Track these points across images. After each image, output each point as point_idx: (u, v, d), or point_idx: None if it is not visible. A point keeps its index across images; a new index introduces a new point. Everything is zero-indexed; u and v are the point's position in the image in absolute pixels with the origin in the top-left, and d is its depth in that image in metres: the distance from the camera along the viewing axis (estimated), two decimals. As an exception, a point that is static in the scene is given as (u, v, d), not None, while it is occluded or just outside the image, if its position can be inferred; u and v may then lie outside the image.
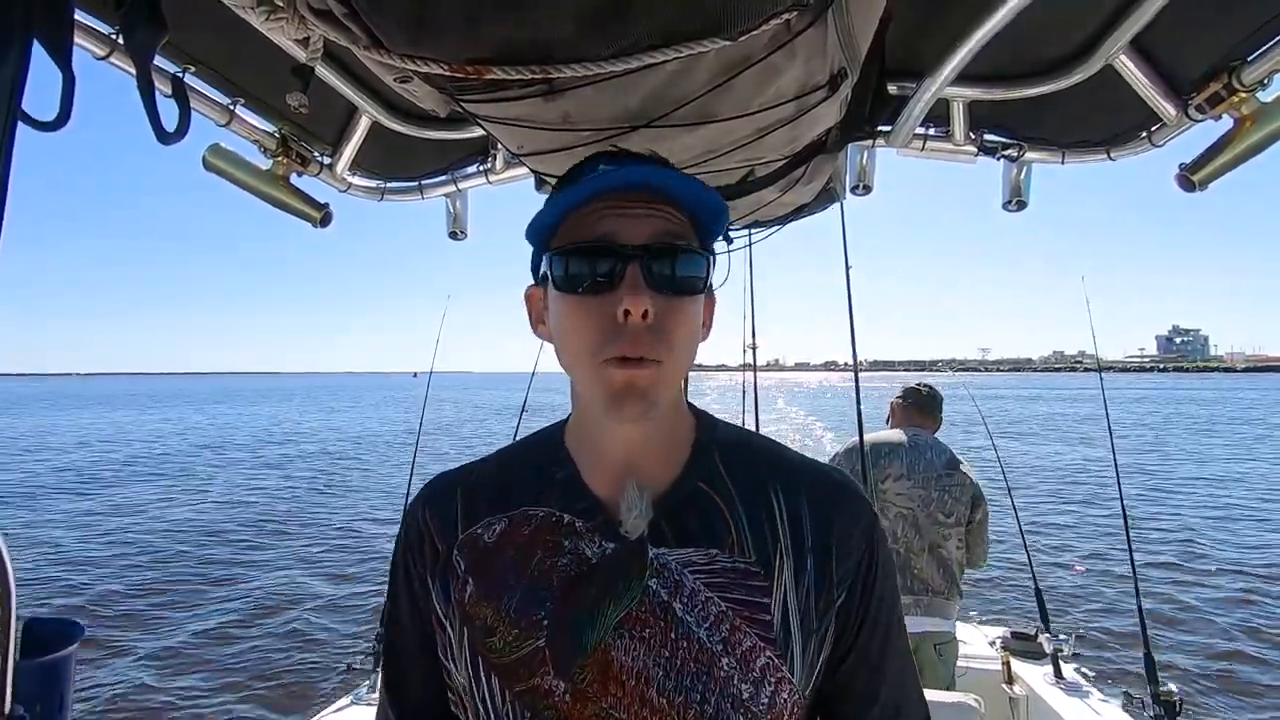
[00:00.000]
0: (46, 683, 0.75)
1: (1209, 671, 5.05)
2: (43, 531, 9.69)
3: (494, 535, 0.68)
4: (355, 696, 2.53)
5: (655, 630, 0.61)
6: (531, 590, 0.64)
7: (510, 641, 0.63)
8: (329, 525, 10.23)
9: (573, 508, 0.67)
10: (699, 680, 0.60)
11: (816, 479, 0.70)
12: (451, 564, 0.68)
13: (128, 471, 16.04)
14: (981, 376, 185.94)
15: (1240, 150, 1.15)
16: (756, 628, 0.62)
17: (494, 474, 0.74)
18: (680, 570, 0.63)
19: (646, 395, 0.60)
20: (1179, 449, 18.76)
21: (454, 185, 1.73)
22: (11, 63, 0.46)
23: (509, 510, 0.69)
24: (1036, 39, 1.19)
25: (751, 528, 0.65)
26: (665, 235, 0.62)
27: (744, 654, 0.61)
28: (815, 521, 0.66)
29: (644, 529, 0.64)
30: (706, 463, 0.69)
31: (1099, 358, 3.76)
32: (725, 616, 0.62)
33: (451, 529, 0.70)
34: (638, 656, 0.61)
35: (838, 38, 0.82)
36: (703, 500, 0.67)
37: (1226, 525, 9.66)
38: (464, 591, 0.67)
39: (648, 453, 0.67)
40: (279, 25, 0.72)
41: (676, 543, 0.64)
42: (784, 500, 0.67)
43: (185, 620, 6.25)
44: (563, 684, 0.61)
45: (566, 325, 0.63)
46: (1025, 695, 2.67)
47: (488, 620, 0.64)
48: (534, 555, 0.65)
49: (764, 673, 0.61)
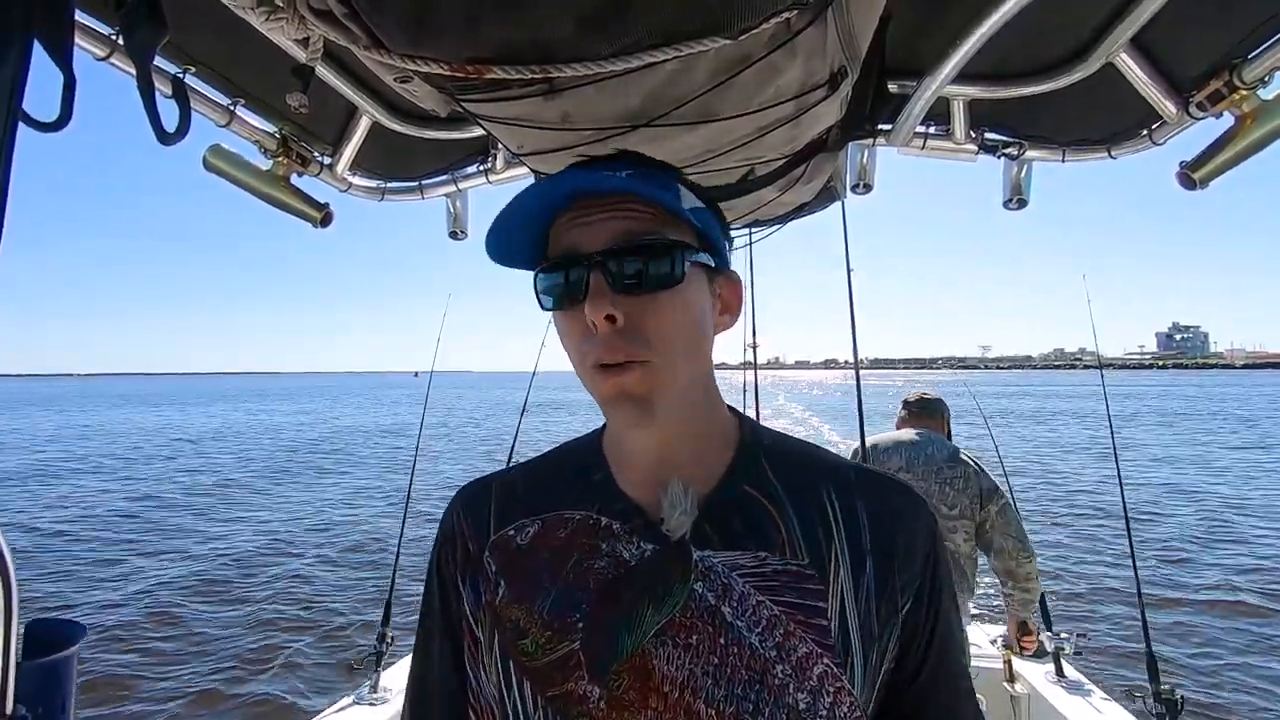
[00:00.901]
0: (48, 683, 0.75)
1: (1211, 670, 5.05)
2: (43, 531, 9.70)
3: (527, 537, 0.67)
4: (357, 696, 2.53)
5: (703, 636, 0.59)
6: (566, 592, 0.62)
7: (543, 644, 0.61)
8: (329, 523, 10.24)
9: (610, 509, 0.66)
10: (751, 689, 0.57)
11: (873, 482, 0.67)
12: (483, 565, 0.67)
13: (128, 470, 16.05)
14: (982, 374, 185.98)
15: (1241, 148, 1.15)
16: (812, 633, 0.59)
17: (529, 477, 0.73)
18: (728, 573, 0.60)
19: (640, 398, 0.59)
20: (1179, 446, 18.75)
21: (454, 185, 1.73)
22: (12, 63, 0.46)
23: (544, 513, 0.68)
24: (1037, 37, 1.19)
25: (804, 529, 0.62)
26: (626, 236, 0.60)
27: (799, 660, 0.58)
28: (874, 525, 0.63)
29: (688, 529, 0.62)
30: (752, 465, 0.67)
31: (1099, 355, 3.75)
32: (778, 621, 0.59)
33: (484, 531, 0.69)
34: (682, 665, 0.58)
35: (838, 36, 0.82)
36: (749, 503, 0.64)
37: (1228, 523, 9.65)
38: (495, 593, 0.65)
39: (680, 454, 0.65)
40: (279, 25, 0.72)
41: (722, 545, 0.62)
42: (838, 502, 0.64)
43: (187, 619, 6.26)
44: (598, 689, 0.59)
45: (563, 339, 0.64)
46: (1027, 694, 2.67)
47: (520, 622, 0.63)
48: (570, 557, 0.64)
49: (822, 681, 0.58)
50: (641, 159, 0.68)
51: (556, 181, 0.61)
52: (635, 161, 0.67)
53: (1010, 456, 7.63)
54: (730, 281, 0.69)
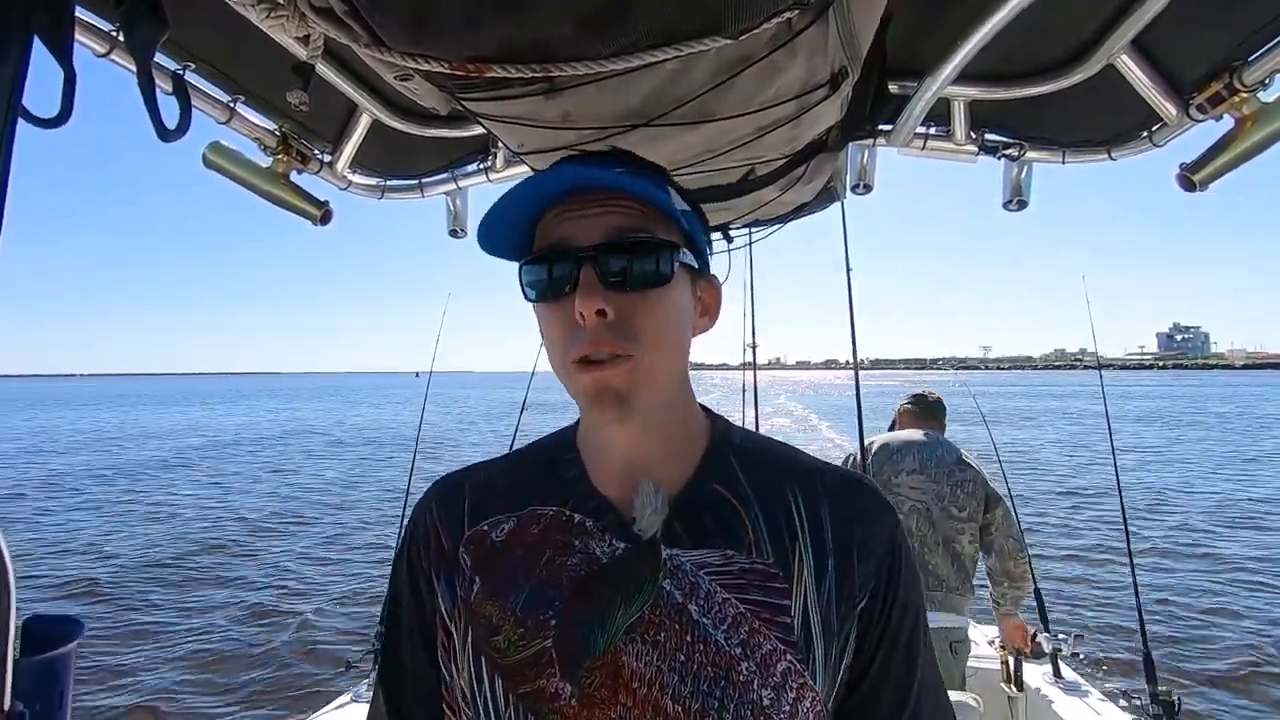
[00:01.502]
0: (46, 680, 0.75)
1: (1208, 671, 5.05)
2: (41, 529, 9.70)
3: (502, 534, 0.67)
4: (355, 694, 2.53)
5: (670, 634, 0.60)
6: (540, 589, 0.63)
7: (515, 640, 0.62)
8: (330, 524, 10.23)
9: (583, 507, 0.66)
10: (716, 685, 0.58)
11: (836, 480, 0.68)
12: (458, 561, 0.67)
13: (128, 469, 16.04)
14: (982, 374, 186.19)
15: (1241, 150, 1.15)
16: (776, 630, 0.60)
17: (503, 473, 0.73)
18: (695, 571, 0.62)
19: (621, 393, 0.59)
20: (1177, 446, 18.76)
21: (454, 183, 1.72)
22: (12, 60, 0.46)
23: (518, 509, 0.68)
24: (1037, 38, 1.19)
25: (769, 528, 0.63)
26: (618, 232, 0.61)
27: (764, 657, 0.59)
28: (836, 523, 0.64)
29: (658, 528, 0.63)
30: (721, 464, 0.67)
31: (1099, 355, 3.76)
32: (744, 618, 0.60)
33: (459, 527, 0.69)
34: (650, 661, 0.59)
35: (839, 36, 0.82)
36: (718, 501, 0.65)
37: (1226, 524, 9.66)
38: (470, 590, 0.65)
39: (653, 452, 0.66)
40: (279, 23, 0.72)
41: (691, 544, 0.63)
42: (803, 501, 0.65)
43: (184, 617, 6.26)
44: (569, 687, 0.59)
45: (544, 332, 0.65)
46: (1024, 695, 2.67)
47: (493, 619, 0.63)
48: (543, 554, 0.64)
49: (785, 678, 0.59)
50: (633, 158, 0.69)
51: (553, 174, 0.61)
52: (627, 160, 0.68)
53: (1008, 457, 7.64)
54: (711, 285, 0.71)
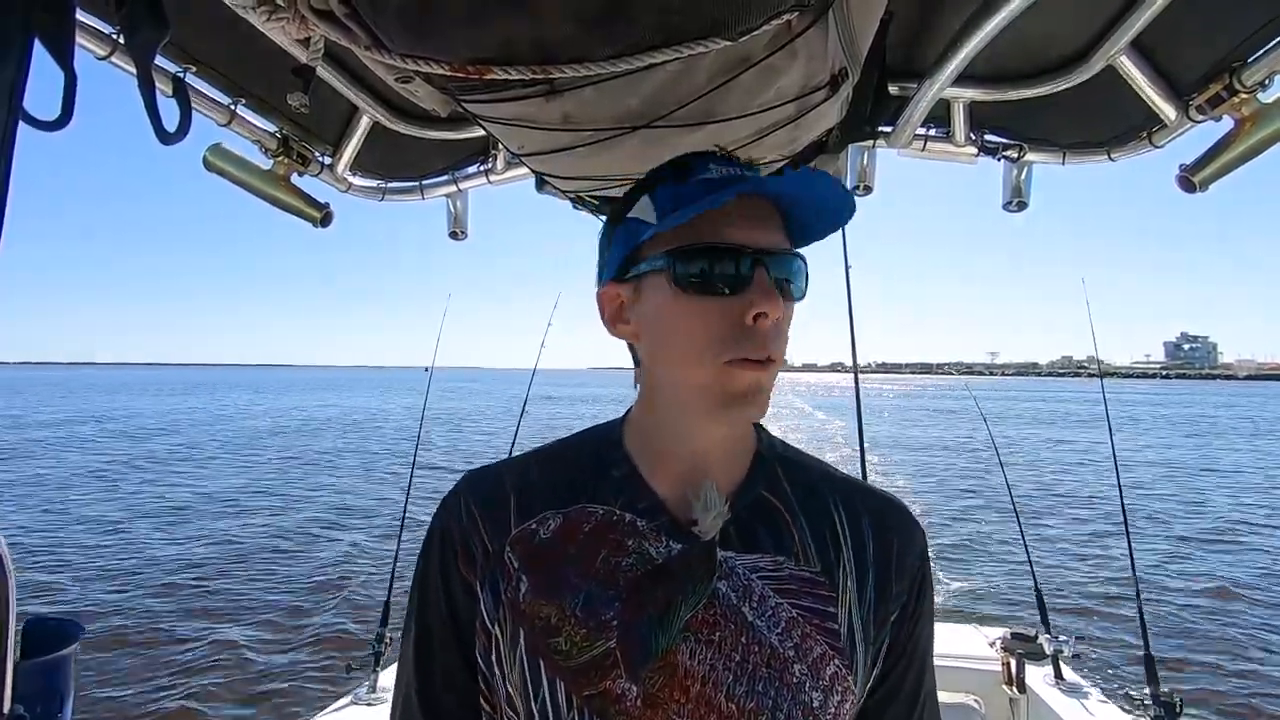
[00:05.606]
0: (47, 682, 0.75)
1: (1209, 672, 5.05)
2: (41, 529, 9.69)
3: (550, 531, 0.66)
4: (355, 696, 2.52)
5: (725, 634, 0.61)
6: (599, 590, 0.62)
7: (579, 642, 0.61)
8: (330, 522, 10.23)
9: (633, 506, 0.66)
10: (771, 685, 0.60)
11: (875, 497, 0.71)
12: (504, 563, 0.65)
13: (126, 469, 16.04)
14: (987, 380, 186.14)
15: (1241, 151, 1.15)
16: (825, 636, 0.62)
17: (544, 470, 0.71)
18: (749, 575, 0.63)
19: (765, 395, 0.62)
20: (1179, 451, 18.74)
21: (455, 185, 1.73)
22: (13, 62, 0.46)
23: (563, 506, 0.67)
24: (1037, 40, 1.19)
25: (814, 538, 0.66)
26: (784, 242, 0.64)
27: (814, 661, 0.61)
28: (876, 538, 0.67)
29: (718, 530, 0.64)
30: (769, 471, 0.69)
31: (1100, 363, 3.76)
32: (796, 623, 0.62)
33: (504, 526, 0.67)
34: (704, 659, 0.60)
35: (838, 38, 0.82)
36: (767, 508, 0.67)
37: (1227, 526, 9.65)
38: (517, 590, 0.64)
39: (720, 456, 0.67)
40: (280, 25, 0.72)
41: (742, 547, 0.64)
42: (845, 516, 0.68)
43: (184, 619, 6.25)
44: (634, 688, 0.59)
45: (683, 326, 0.62)
46: (1025, 696, 2.66)
47: (551, 619, 0.62)
48: (597, 553, 0.64)
49: (833, 681, 0.61)
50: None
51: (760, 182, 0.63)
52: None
53: (1008, 457, 7.62)
54: None
